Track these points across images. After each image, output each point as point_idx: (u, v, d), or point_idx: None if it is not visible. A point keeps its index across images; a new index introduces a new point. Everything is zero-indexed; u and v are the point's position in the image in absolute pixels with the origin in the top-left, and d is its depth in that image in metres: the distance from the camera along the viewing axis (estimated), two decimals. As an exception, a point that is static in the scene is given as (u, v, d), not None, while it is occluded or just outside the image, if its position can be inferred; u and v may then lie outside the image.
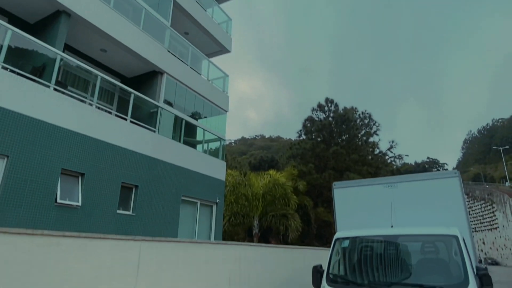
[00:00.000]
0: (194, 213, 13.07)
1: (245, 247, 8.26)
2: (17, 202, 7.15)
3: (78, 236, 4.52)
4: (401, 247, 5.33)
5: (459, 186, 6.15)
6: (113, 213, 9.28)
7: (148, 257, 5.37)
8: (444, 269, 4.83)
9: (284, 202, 20.89)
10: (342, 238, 5.79)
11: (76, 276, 4.39)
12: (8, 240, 3.82)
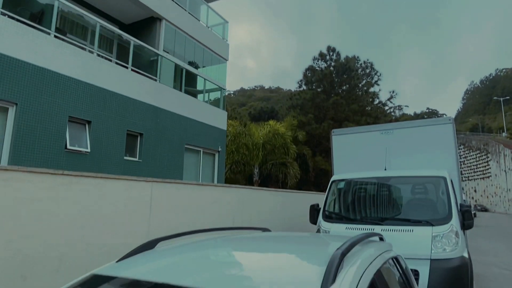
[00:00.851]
0: (197, 161, 13.57)
1: (247, 190, 8.78)
2: (29, 148, 7.49)
3: (95, 176, 4.88)
4: (393, 188, 5.74)
5: (452, 132, 6.43)
6: (121, 159, 9.69)
7: (159, 197, 5.81)
8: (432, 207, 5.28)
9: (283, 151, 21.45)
10: (338, 180, 6.20)
11: (97, 212, 4.82)
12: (33, 178, 4.17)
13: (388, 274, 1.90)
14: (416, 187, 5.79)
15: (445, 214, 4.79)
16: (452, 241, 4.41)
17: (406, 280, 2.42)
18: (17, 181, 4.00)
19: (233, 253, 1.79)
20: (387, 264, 2.00)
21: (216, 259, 1.67)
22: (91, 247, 4.69)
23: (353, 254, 1.60)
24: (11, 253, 3.92)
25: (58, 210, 4.39)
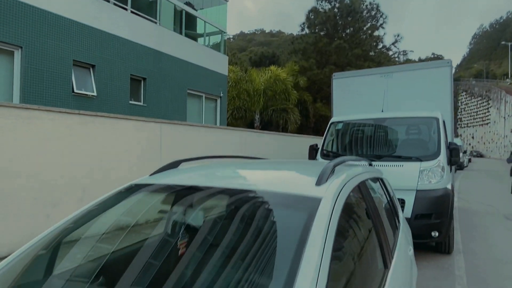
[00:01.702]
0: (200, 106, 13.81)
1: (250, 133, 9.16)
2: (38, 92, 7.71)
3: (108, 116, 5.20)
4: (388, 128, 6.08)
5: (449, 75, 6.61)
6: (126, 103, 9.95)
7: (168, 137, 6.19)
8: (423, 145, 5.65)
9: (284, 97, 21.54)
10: (337, 121, 6.52)
11: (112, 149, 5.23)
12: (53, 117, 4.49)
13: (372, 188, 2.29)
14: (410, 128, 6.12)
15: (434, 151, 5.18)
16: (438, 175, 4.85)
17: (391, 202, 2.84)
18: (39, 119, 4.32)
19: (247, 168, 2.15)
20: (373, 181, 2.38)
21: (234, 171, 2.03)
22: (109, 180, 5.16)
23: (343, 167, 1.97)
24: (40, 184, 4.38)
25: (77, 146, 4.78)
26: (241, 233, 1.40)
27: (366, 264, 1.66)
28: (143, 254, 1.66)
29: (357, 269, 1.54)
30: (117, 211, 1.78)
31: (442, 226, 4.63)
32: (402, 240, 2.44)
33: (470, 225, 7.11)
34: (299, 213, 1.33)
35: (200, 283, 1.18)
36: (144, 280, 1.36)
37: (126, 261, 1.59)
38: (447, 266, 4.53)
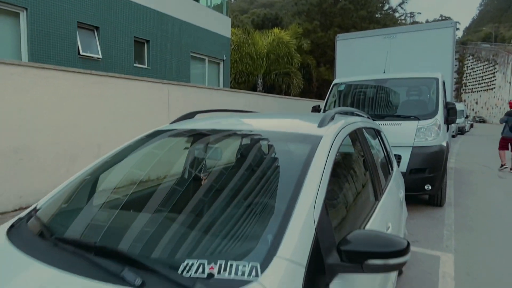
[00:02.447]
0: (203, 70, 13.84)
1: (254, 95, 9.34)
2: (45, 54, 7.83)
3: (119, 76, 5.40)
4: (389, 89, 6.25)
5: (451, 36, 6.67)
6: (131, 66, 10.05)
7: (175, 98, 6.41)
8: (422, 105, 5.85)
9: (287, 61, 21.35)
10: (339, 83, 6.69)
11: (123, 108, 5.47)
12: (69, 77, 4.70)
13: (368, 136, 2.55)
14: (410, 88, 6.29)
15: (431, 110, 5.40)
16: (434, 132, 5.10)
17: (386, 151, 3.11)
18: (56, 78, 4.54)
19: (258, 117, 2.39)
20: (369, 130, 2.64)
21: (247, 119, 2.28)
22: (121, 138, 5.44)
23: (342, 116, 2.22)
24: (61, 141, 4.68)
25: (91, 106, 5.03)
26: (256, 163, 1.69)
27: (359, 193, 1.97)
28: (169, 185, 1.97)
29: (351, 195, 1.84)
30: (144, 151, 2.06)
31: (435, 180, 4.95)
32: (393, 184, 2.75)
33: (464, 182, 7.47)
34: (304, 146, 1.60)
35: (223, 200, 1.47)
36: (171, 205, 1.66)
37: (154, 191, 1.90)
38: (438, 217, 4.91)
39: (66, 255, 1.20)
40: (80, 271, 1.09)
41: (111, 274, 1.05)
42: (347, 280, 1.28)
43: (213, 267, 1.04)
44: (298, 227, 1.16)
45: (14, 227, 1.51)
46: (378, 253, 1.17)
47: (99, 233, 1.42)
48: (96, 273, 1.07)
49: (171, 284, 1.00)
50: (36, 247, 1.31)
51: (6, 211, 4.11)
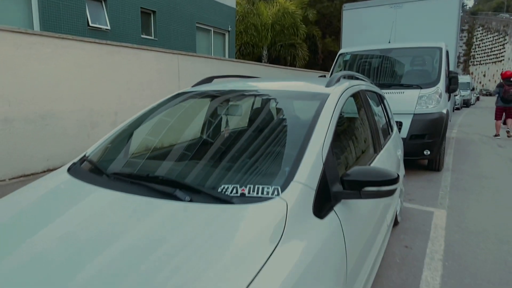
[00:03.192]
0: (209, 41, 13.86)
1: (259, 66, 9.49)
2: (57, 25, 7.97)
3: (132, 47, 5.60)
4: (394, 59, 6.40)
5: (457, 5, 6.72)
6: (138, 38, 10.16)
7: (184, 68, 6.62)
8: (424, 74, 6.02)
9: (292, 32, 21.13)
10: (345, 53, 6.83)
11: (136, 77, 5.71)
12: (85, 47, 4.92)
13: (370, 98, 2.81)
14: (414, 57, 6.43)
15: (433, 79, 5.58)
16: (435, 100, 5.32)
17: (386, 113, 3.37)
18: (74, 48, 4.76)
19: (272, 81, 2.63)
20: (371, 93, 2.89)
21: (262, 82, 2.53)
22: (135, 106, 5.74)
23: (348, 79, 2.47)
24: (81, 108, 4.97)
25: (107, 75, 5.28)
26: (274, 115, 1.97)
27: (360, 144, 2.26)
28: (197, 136, 2.27)
29: (353, 144, 2.13)
30: (171, 110, 2.34)
31: (434, 145, 5.22)
32: (392, 143, 3.03)
33: (463, 151, 7.74)
34: (314, 102, 1.87)
35: (249, 143, 1.77)
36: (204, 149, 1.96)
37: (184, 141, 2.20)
38: (435, 180, 5.23)
39: (124, 184, 1.51)
40: (139, 192, 1.41)
41: (166, 194, 1.36)
42: (348, 207, 1.59)
43: (244, 189, 1.35)
44: (309, 162, 1.45)
45: (71, 169, 1.83)
46: (373, 181, 1.46)
47: (147, 169, 1.74)
48: (153, 193, 1.38)
49: (213, 199, 1.31)
50: (96, 179, 1.63)
51: (35, 172, 4.47)
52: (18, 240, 1.22)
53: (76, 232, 1.23)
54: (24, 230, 1.30)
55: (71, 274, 0.99)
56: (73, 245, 1.14)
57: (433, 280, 2.45)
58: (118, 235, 1.16)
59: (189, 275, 0.96)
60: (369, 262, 1.90)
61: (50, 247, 1.15)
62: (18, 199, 1.56)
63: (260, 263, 1.02)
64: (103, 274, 0.98)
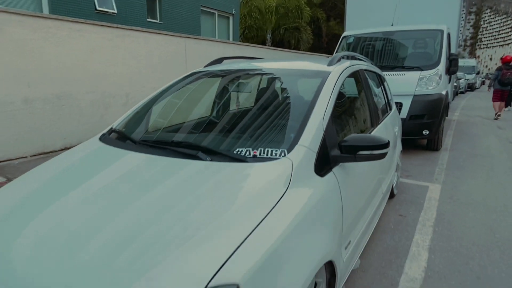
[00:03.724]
0: (213, 24, 13.91)
1: (264, 49, 9.61)
2: (64, 8, 8.12)
3: (141, 30, 5.77)
4: (396, 42, 6.52)
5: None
6: (144, 21, 10.28)
7: (191, 50, 6.79)
8: (426, 56, 6.15)
9: (297, 15, 21.02)
10: (348, 35, 6.95)
11: (146, 60, 5.91)
12: (97, 30, 5.11)
13: (369, 77, 3.01)
14: (416, 40, 6.55)
15: (434, 61, 5.73)
16: (434, 82, 5.48)
17: (385, 92, 3.57)
18: (86, 32, 4.96)
19: (279, 61, 2.82)
20: (371, 73, 3.09)
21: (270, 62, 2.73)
22: (145, 88, 5.96)
23: (348, 60, 2.67)
24: (95, 90, 5.20)
25: (118, 58, 5.48)
26: (281, 90, 2.20)
27: (358, 116, 2.49)
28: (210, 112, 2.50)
29: (351, 116, 2.36)
30: (186, 87, 2.57)
31: (433, 125, 5.42)
32: (389, 120, 3.24)
33: (464, 132, 7.92)
34: (317, 79, 2.09)
35: (259, 114, 2.00)
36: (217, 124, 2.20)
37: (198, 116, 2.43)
38: (433, 158, 5.45)
39: (151, 149, 1.76)
40: (166, 155, 1.66)
41: (189, 156, 1.61)
42: (345, 170, 1.83)
43: (256, 152, 1.60)
44: (311, 130, 1.69)
45: (103, 138, 2.08)
46: (366, 146, 1.70)
47: (170, 137, 1.99)
48: (178, 155, 1.63)
49: (230, 159, 1.56)
50: (126, 145, 1.88)
51: (54, 150, 4.75)
52: (69, 188, 1.49)
53: (115, 185, 1.49)
54: (71, 182, 1.56)
55: (116, 213, 1.25)
56: (113, 194, 1.40)
57: (423, 242, 2.71)
58: (152, 187, 1.42)
59: (219, 211, 1.22)
60: (363, 222, 2.16)
61: (95, 194, 1.41)
62: (62, 161, 1.82)
63: (273, 202, 1.28)
64: (142, 214, 1.24)
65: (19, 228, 1.28)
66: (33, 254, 1.13)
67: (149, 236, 1.11)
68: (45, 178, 1.66)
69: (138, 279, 0.97)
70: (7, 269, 1.11)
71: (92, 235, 1.16)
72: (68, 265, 1.05)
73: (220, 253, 1.05)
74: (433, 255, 2.52)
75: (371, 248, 2.59)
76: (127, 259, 1.04)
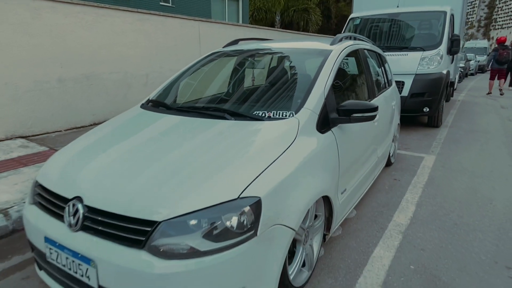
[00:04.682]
0: (223, 7, 14.13)
1: (273, 31, 9.90)
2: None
3: (159, 14, 6.15)
4: (401, 23, 6.78)
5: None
6: (157, 5, 10.60)
7: (204, 33, 7.16)
8: (429, 37, 6.42)
9: (306, -4, 20.99)
10: (355, 17, 7.22)
11: (163, 42, 6.31)
12: (119, 15, 5.51)
13: (369, 56, 3.38)
14: (420, 21, 6.79)
15: (436, 41, 6.01)
16: (436, 61, 5.78)
17: (384, 70, 3.93)
18: (109, 16, 5.37)
19: (288, 41, 3.22)
20: (371, 52, 3.46)
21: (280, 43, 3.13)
22: (163, 69, 6.38)
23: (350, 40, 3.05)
24: (118, 70, 5.64)
25: (138, 41, 5.89)
26: (289, 65, 2.61)
27: (355, 88, 2.89)
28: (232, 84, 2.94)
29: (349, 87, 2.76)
30: (209, 65, 2.99)
31: (433, 103, 5.76)
32: (387, 94, 3.63)
33: (466, 111, 8.21)
34: (320, 56, 2.49)
35: (272, 85, 2.43)
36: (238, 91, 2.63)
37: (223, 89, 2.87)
38: (432, 134, 5.81)
39: (185, 113, 2.21)
40: (198, 116, 2.10)
41: (217, 117, 2.05)
42: (342, 131, 2.25)
43: (270, 113, 2.03)
44: (315, 97, 2.11)
45: (143, 106, 2.53)
46: (359, 109, 2.12)
47: (199, 103, 2.44)
48: (208, 117, 2.07)
49: (250, 119, 1.99)
50: (162, 110, 2.33)
51: (84, 125, 5.25)
52: (126, 137, 1.97)
53: (157, 138, 1.95)
54: (127, 134, 2.04)
55: (158, 158, 1.69)
56: (156, 145, 1.86)
57: (412, 199, 3.15)
58: (192, 137, 1.87)
59: (246, 152, 1.67)
60: (358, 177, 2.60)
61: (146, 141, 1.88)
62: (115, 121, 2.29)
63: (284, 148, 1.73)
64: (190, 153, 1.69)
65: (94, 155, 1.77)
66: (105, 170, 1.60)
67: (199, 165, 1.57)
68: (106, 131, 2.14)
69: (197, 187, 1.43)
70: (88, 180, 1.58)
71: (152, 163, 1.62)
72: (134, 181, 1.51)
73: (248, 177, 1.50)
74: (419, 208, 2.96)
75: (366, 203, 3.04)
76: (184, 177, 1.50)
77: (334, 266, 2.13)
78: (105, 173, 1.64)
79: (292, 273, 1.79)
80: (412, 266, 2.13)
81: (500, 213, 2.87)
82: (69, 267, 1.52)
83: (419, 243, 2.39)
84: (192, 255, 1.34)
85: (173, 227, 1.37)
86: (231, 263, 1.37)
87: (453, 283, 1.97)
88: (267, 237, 1.47)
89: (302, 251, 1.87)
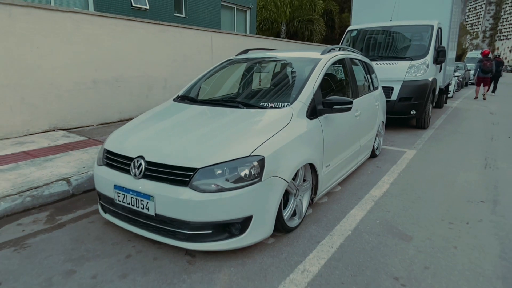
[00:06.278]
0: (232, 18, 15.01)
1: (278, 41, 10.70)
2: (107, 5, 9.37)
3: (177, 25, 6.97)
4: (392, 35, 7.53)
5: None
6: (171, 16, 11.48)
7: (216, 43, 7.96)
8: (417, 48, 7.15)
9: (310, 8, 21.87)
10: (352, 29, 7.99)
11: (180, 51, 7.11)
12: (144, 26, 6.33)
13: (355, 64, 4.12)
14: (414, 35, 7.54)
15: (423, 52, 6.74)
16: (422, 70, 6.51)
17: (370, 76, 4.65)
18: (136, 28, 6.18)
19: (288, 51, 3.98)
20: (357, 60, 4.20)
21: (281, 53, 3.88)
22: (180, 75, 7.18)
23: (339, 51, 3.81)
24: (141, 74, 6.44)
25: (159, 49, 6.70)
26: (288, 70, 3.37)
27: (339, 89, 3.63)
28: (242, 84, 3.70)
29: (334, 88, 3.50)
30: (224, 70, 3.75)
31: (419, 106, 6.46)
32: (370, 96, 4.35)
33: (456, 116, 8.88)
34: (311, 63, 3.23)
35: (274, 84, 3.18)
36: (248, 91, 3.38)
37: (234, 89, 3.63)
38: (418, 134, 6.50)
39: (207, 104, 2.97)
40: (218, 106, 2.86)
41: (233, 106, 2.80)
42: (327, 120, 2.98)
43: (272, 104, 2.77)
44: (306, 93, 2.85)
45: (175, 100, 3.29)
46: (338, 102, 2.85)
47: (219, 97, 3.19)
48: (225, 107, 2.82)
49: (258, 107, 2.74)
50: (190, 103, 3.09)
51: (112, 121, 6.03)
52: (167, 117, 2.72)
53: (190, 119, 2.71)
54: (165, 117, 2.79)
55: (193, 131, 2.45)
56: (190, 122, 2.61)
57: (388, 180, 3.85)
58: (210, 122, 2.62)
59: (255, 128, 2.42)
60: (341, 157, 3.31)
61: (180, 122, 2.64)
62: (156, 110, 3.05)
63: (281, 127, 2.46)
64: (216, 128, 2.44)
65: (146, 129, 2.53)
66: (156, 137, 2.36)
67: (222, 135, 2.32)
68: (150, 115, 2.92)
69: (221, 148, 2.18)
70: (146, 144, 2.33)
71: (189, 134, 2.37)
72: (178, 144, 2.26)
73: (256, 143, 2.23)
74: (393, 186, 3.66)
75: (349, 182, 3.75)
76: (212, 142, 2.24)
77: (318, 219, 2.84)
78: (157, 139, 2.39)
79: (286, 215, 2.51)
80: (377, 220, 2.84)
81: (458, 190, 3.56)
82: (133, 204, 2.25)
83: (386, 207, 3.10)
84: (218, 191, 2.07)
85: (206, 173, 2.10)
86: (243, 196, 2.10)
87: (406, 231, 2.67)
88: (268, 183, 2.19)
89: (293, 202, 2.59)
